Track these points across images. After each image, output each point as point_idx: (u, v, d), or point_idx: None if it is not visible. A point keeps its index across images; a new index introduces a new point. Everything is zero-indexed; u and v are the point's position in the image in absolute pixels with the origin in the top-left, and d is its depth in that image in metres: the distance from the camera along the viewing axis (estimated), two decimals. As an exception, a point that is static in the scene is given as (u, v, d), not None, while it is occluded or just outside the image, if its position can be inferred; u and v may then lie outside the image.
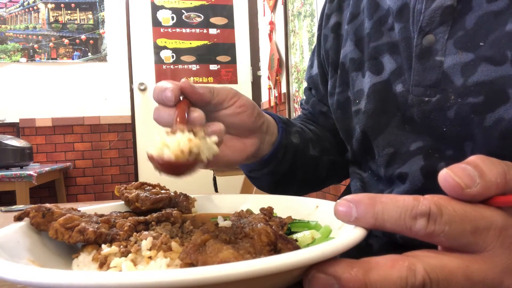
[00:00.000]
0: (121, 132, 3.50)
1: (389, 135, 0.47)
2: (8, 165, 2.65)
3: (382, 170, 0.48)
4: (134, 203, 0.42)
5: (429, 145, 0.43)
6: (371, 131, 0.49)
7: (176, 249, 0.31)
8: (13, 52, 3.32)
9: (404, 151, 0.45)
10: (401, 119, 0.46)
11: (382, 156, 0.48)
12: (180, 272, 0.19)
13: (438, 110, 0.41)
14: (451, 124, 0.40)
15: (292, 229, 0.37)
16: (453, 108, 0.40)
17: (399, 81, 0.46)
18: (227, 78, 3.70)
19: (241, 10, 3.74)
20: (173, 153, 0.33)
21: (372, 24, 0.51)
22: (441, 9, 0.42)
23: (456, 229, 0.23)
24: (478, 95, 0.38)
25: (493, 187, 0.24)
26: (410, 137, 0.45)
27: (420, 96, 0.43)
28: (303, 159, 0.58)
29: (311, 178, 0.62)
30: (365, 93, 0.50)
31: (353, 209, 0.25)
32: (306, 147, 0.59)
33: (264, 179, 0.58)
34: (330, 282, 0.22)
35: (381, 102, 0.48)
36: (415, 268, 0.22)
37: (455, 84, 0.40)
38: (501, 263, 0.23)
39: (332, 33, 0.60)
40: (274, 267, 0.20)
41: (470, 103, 0.38)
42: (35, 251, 0.32)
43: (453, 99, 0.40)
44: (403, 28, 0.46)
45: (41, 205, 0.36)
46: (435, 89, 0.41)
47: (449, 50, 0.41)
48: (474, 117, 0.38)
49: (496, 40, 0.37)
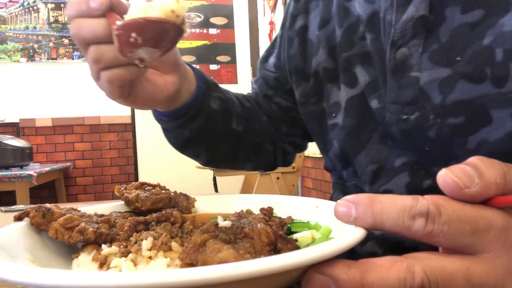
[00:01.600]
0: (121, 132, 3.49)
1: (371, 151, 0.46)
2: (8, 165, 2.65)
3: (367, 188, 0.47)
4: (134, 203, 0.42)
5: (414, 160, 0.42)
6: (351, 148, 0.48)
7: (176, 249, 0.31)
8: (13, 52, 3.32)
9: (389, 167, 0.44)
10: (381, 134, 0.45)
11: (366, 173, 0.46)
12: (180, 272, 0.19)
13: (418, 130, 0.39)
14: (433, 144, 0.39)
15: (292, 229, 0.37)
16: (434, 128, 0.38)
17: (374, 96, 0.44)
18: (227, 78, 3.70)
19: (241, 10, 3.74)
20: (161, 11, 0.29)
21: (343, 32, 0.49)
22: (412, 20, 0.39)
23: (455, 229, 0.23)
24: (458, 115, 0.36)
25: (493, 188, 0.23)
26: (393, 151, 0.44)
27: (397, 114, 0.41)
28: (220, 128, 0.57)
29: (227, 152, 0.60)
30: (342, 106, 0.49)
31: (353, 209, 0.25)
32: (227, 117, 0.57)
33: (175, 132, 0.57)
34: (327, 283, 0.22)
35: (359, 117, 0.46)
36: (414, 270, 0.22)
37: (433, 102, 0.38)
38: (502, 265, 0.23)
39: (298, 38, 0.57)
40: (274, 267, 0.20)
41: (451, 124, 0.37)
42: (35, 251, 0.32)
43: (433, 118, 0.38)
44: (375, 39, 0.44)
45: (41, 205, 0.36)
46: (412, 106, 0.40)
47: (424, 65, 0.39)
48: (456, 138, 0.37)
49: (474, 55, 0.36)
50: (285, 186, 2.13)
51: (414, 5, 0.39)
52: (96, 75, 0.40)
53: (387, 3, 0.42)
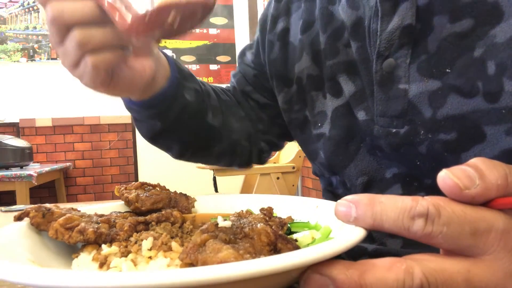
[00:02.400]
0: (121, 132, 3.49)
1: (360, 163, 0.44)
2: (8, 165, 2.65)
3: None
4: (134, 204, 0.42)
5: (405, 172, 0.41)
6: (340, 160, 0.46)
7: (176, 249, 0.31)
8: (13, 52, 3.32)
9: (380, 179, 0.43)
10: (370, 145, 0.43)
11: (356, 185, 0.45)
12: (180, 272, 0.19)
13: (408, 145, 0.38)
14: (424, 159, 0.38)
15: (292, 229, 0.37)
16: (424, 144, 0.37)
17: (361, 107, 0.42)
18: (227, 78, 3.70)
19: (241, 10, 3.74)
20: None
21: (327, 39, 0.47)
22: (399, 30, 0.38)
23: (455, 231, 0.23)
24: (450, 131, 0.35)
25: (494, 189, 0.23)
26: (383, 163, 0.42)
27: (386, 127, 0.39)
28: (194, 121, 0.54)
29: (200, 146, 0.58)
30: (328, 116, 0.47)
31: (353, 209, 0.25)
32: (203, 111, 0.55)
33: (147, 123, 0.53)
34: (325, 283, 0.22)
35: (346, 128, 0.45)
36: (413, 271, 0.22)
37: (424, 116, 0.37)
38: (503, 267, 0.23)
39: (279, 41, 0.55)
40: (274, 267, 0.20)
41: (442, 140, 0.36)
42: (35, 251, 0.32)
43: (423, 133, 0.37)
44: (360, 47, 0.42)
45: (41, 205, 0.36)
46: (401, 119, 0.38)
47: (412, 77, 0.37)
48: (447, 155, 0.36)
49: (464, 68, 0.34)
50: (285, 186, 2.13)
51: (400, 13, 0.37)
52: (76, 61, 0.37)
53: (371, 11, 0.40)
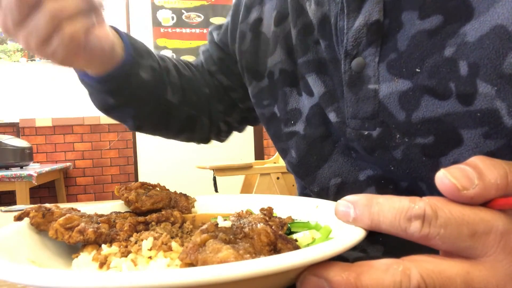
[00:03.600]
0: (121, 132, 3.49)
1: (334, 164, 0.43)
2: (8, 165, 2.65)
3: None
4: (134, 204, 0.42)
5: (380, 175, 0.40)
6: (313, 160, 0.45)
7: (176, 249, 0.31)
8: (13, 52, 3.32)
9: (353, 181, 0.41)
10: (344, 145, 0.42)
11: (329, 187, 0.44)
12: (180, 272, 0.19)
13: (382, 149, 0.37)
14: (399, 165, 0.37)
15: (292, 229, 0.37)
16: (400, 149, 0.36)
17: (331, 109, 0.41)
18: (227, 78, 3.71)
19: (241, 10, 3.75)
20: None
21: (297, 34, 0.45)
22: (366, 26, 0.36)
23: (452, 232, 0.22)
24: (427, 135, 0.34)
25: (493, 189, 0.23)
26: (357, 164, 0.41)
27: (358, 129, 0.38)
28: (151, 98, 0.53)
29: (158, 121, 0.58)
30: (303, 115, 0.45)
31: (351, 209, 0.25)
32: (161, 89, 0.54)
33: (99, 97, 0.52)
34: (321, 285, 0.22)
35: (321, 127, 0.44)
36: (410, 273, 0.21)
37: (397, 119, 0.35)
38: (503, 269, 0.22)
39: (251, 32, 0.52)
40: (274, 267, 0.20)
41: (420, 144, 0.34)
42: (35, 251, 0.32)
43: (399, 138, 0.35)
44: (328, 46, 0.40)
45: (41, 205, 0.36)
46: (373, 121, 0.37)
47: (382, 76, 0.36)
48: (425, 160, 0.35)
49: (435, 68, 0.33)
50: (285, 186, 2.13)
51: (366, 9, 0.36)
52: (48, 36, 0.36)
53: (337, 7, 0.39)
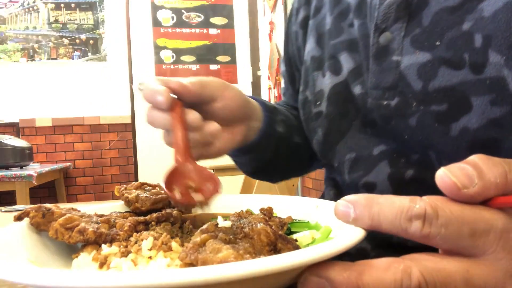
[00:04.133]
0: (121, 132, 3.49)
1: (351, 140, 0.45)
2: (8, 165, 2.65)
3: (347, 177, 0.46)
4: (134, 204, 0.42)
5: (393, 149, 0.41)
6: (333, 137, 0.47)
7: (176, 249, 0.31)
8: (13, 52, 3.32)
9: (367, 156, 0.43)
10: (361, 122, 0.44)
11: (344, 162, 0.46)
12: (180, 272, 0.19)
13: (399, 117, 0.39)
14: (413, 133, 0.39)
15: (292, 229, 0.37)
16: (415, 116, 0.38)
17: (357, 82, 0.44)
18: (227, 78, 3.70)
19: (241, 10, 3.74)
20: None
21: (333, 20, 0.49)
22: (396, 3, 0.39)
23: (453, 232, 0.22)
24: (441, 103, 0.36)
25: (493, 188, 0.23)
26: (372, 140, 0.43)
27: (378, 100, 0.41)
28: (287, 147, 0.57)
29: (294, 164, 0.61)
30: (325, 94, 0.48)
31: (351, 209, 0.25)
32: (290, 135, 0.58)
33: (248, 164, 0.57)
34: (323, 285, 0.22)
35: (341, 104, 0.46)
36: (411, 271, 0.21)
37: (414, 89, 0.38)
38: (502, 268, 0.23)
39: (301, 29, 0.58)
40: (274, 267, 0.20)
41: (434, 111, 0.36)
42: (35, 251, 0.32)
43: (415, 106, 0.38)
44: (362, 24, 0.44)
45: (41, 205, 0.36)
46: (392, 91, 0.39)
47: (406, 50, 0.39)
48: (438, 126, 0.36)
49: (453, 40, 0.35)
50: (285, 186, 2.12)
51: None
52: None
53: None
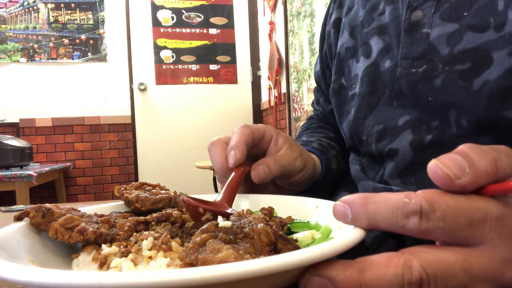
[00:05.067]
0: (121, 132, 3.50)
1: (378, 113, 0.49)
2: (8, 165, 2.65)
3: (373, 147, 0.49)
4: (134, 204, 0.42)
5: (415, 118, 0.44)
6: (363, 112, 0.51)
7: (176, 249, 0.31)
8: (13, 52, 3.32)
9: (393, 127, 0.46)
10: (389, 96, 0.48)
11: (372, 133, 0.49)
12: (180, 272, 0.19)
13: (425, 79, 0.42)
14: (437, 93, 0.41)
15: (292, 229, 0.37)
16: (441, 76, 0.41)
17: (387, 58, 0.47)
18: (227, 78, 3.70)
19: (241, 10, 3.74)
20: None
21: (365, 12, 0.53)
22: None
23: (451, 224, 0.23)
24: (465, 62, 0.39)
25: (484, 176, 0.23)
26: (397, 112, 0.46)
27: (407, 68, 0.44)
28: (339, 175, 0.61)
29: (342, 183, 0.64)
30: (359, 77, 0.52)
31: (348, 210, 0.25)
32: (340, 164, 0.61)
33: None
34: (325, 285, 0.22)
35: (372, 83, 0.50)
36: (411, 265, 0.22)
37: (441, 54, 0.41)
38: (500, 255, 0.23)
39: (333, 28, 0.62)
40: (274, 267, 0.20)
41: (458, 70, 0.39)
42: (35, 251, 0.32)
43: (441, 68, 0.41)
44: (393, 9, 0.47)
45: (41, 205, 0.36)
46: (422, 60, 0.43)
47: (435, 23, 0.42)
48: (461, 82, 0.39)
49: (479, 9, 0.39)
50: (285, 186, 2.12)
51: None
52: None
53: None
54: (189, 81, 3.64)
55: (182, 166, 3.48)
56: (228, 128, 3.63)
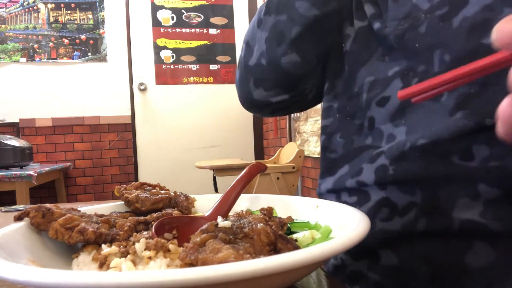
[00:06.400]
0: (121, 132, 3.50)
1: (370, 66, 0.51)
2: (8, 165, 2.65)
3: (364, 96, 0.51)
4: (134, 204, 0.42)
5: (404, 67, 0.46)
6: (356, 66, 0.53)
7: (175, 250, 0.31)
8: (13, 52, 3.32)
9: (383, 77, 0.49)
10: (381, 53, 0.50)
11: (363, 84, 0.51)
12: (180, 272, 0.19)
13: (411, 30, 0.44)
14: (422, 38, 0.43)
15: (292, 229, 0.37)
16: (424, 24, 0.43)
17: (377, 21, 0.50)
18: (227, 78, 3.70)
19: (241, 10, 3.74)
20: None
21: None
22: None
23: None
24: (443, 7, 0.42)
25: None
26: (388, 65, 0.49)
27: (396, 27, 0.47)
28: None
29: None
30: (351, 37, 0.54)
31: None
32: None
33: None
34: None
35: (364, 41, 0.53)
36: None
37: (424, 8, 0.44)
38: None
39: None
40: (274, 267, 0.20)
41: (438, 15, 0.42)
42: (35, 251, 0.32)
43: (423, 17, 0.43)
44: None
45: (41, 205, 0.36)
46: (407, 19, 0.45)
47: None
48: (442, 24, 0.41)
49: None
50: (285, 186, 2.13)
51: None
52: None
53: None
54: (189, 81, 3.64)
55: (182, 166, 3.48)
56: (228, 128, 3.63)
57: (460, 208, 0.38)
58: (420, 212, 0.41)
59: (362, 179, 0.46)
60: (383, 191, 0.44)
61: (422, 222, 0.40)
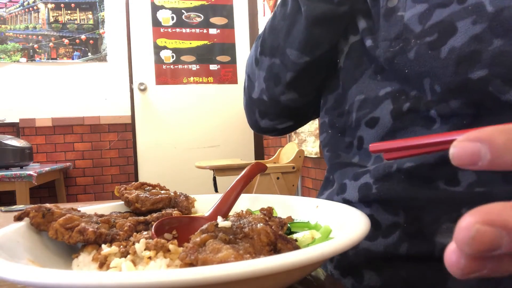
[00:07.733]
0: (121, 132, 3.50)
1: (361, 84, 0.51)
2: (8, 165, 2.65)
3: (354, 115, 0.50)
4: (134, 204, 0.42)
5: (396, 89, 0.46)
6: (347, 83, 0.53)
7: (175, 250, 0.31)
8: (13, 52, 3.32)
9: (374, 97, 0.48)
10: (373, 70, 0.50)
11: (354, 102, 0.51)
12: (180, 272, 0.19)
13: (400, 54, 0.45)
14: (412, 65, 0.43)
15: (292, 229, 0.37)
16: (413, 50, 0.43)
17: (369, 38, 0.50)
18: (227, 78, 3.70)
19: (241, 10, 3.74)
20: None
21: None
22: None
23: None
24: (433, 34, 0.42)
25: None
26: (380, 84, 0.49)
27: (387, 48, 0.47)
28: None
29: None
30: (345, 52, 0.54)
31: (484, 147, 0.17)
32: None
33: None
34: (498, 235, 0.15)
35: (357, 57, 0.52)
36: None
37: (415, 32, 0.44)
38: None
39: None
40: (274, 267, 0.20)
41: (427, 42, 0.42)
42: (35, 251, 0.32)
43: (413, 42, 0.43)
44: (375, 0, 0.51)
45: (41, 205, 0.36)
46: (398, 40, 0.45)
47: (408, 6, 0.45)
48: (431, 52, 0.42)
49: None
50: (285, 186, 2.13)
51: None
52: None
53: None
54: (189, 81, 3.64)
55: (182, 166, 3.48)
56: (228, 128, 3.63)
57: (443, 234, 0.38)
58: (403, 234, 0.41)
59: (346, 197, 0.46)
60: (367, 208, 0.44)
61: (405, 246, 0.40)
